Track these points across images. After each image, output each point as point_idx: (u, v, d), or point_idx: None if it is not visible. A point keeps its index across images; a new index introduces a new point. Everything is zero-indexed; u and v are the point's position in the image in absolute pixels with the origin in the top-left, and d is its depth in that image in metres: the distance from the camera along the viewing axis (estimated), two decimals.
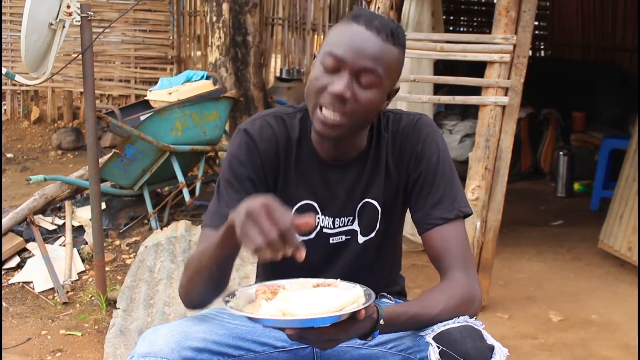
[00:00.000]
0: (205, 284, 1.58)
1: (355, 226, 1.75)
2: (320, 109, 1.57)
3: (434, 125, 1.75)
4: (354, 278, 1.54)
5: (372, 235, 1.76)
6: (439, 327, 1.51)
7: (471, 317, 1.56)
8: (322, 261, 1.74)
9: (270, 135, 1.70)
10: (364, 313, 1.37)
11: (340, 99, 1.54)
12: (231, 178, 1.68)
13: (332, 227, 1.75)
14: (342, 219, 1.74)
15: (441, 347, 1.47)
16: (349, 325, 1.39)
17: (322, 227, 1.74)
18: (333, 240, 1.75)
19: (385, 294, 1.86)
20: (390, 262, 1.87)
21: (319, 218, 1.73)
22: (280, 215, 1.31)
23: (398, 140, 1.72)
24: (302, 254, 1.33)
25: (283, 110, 1.76)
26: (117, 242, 4.46)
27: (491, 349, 1.47)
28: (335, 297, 1.40)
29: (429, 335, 1.51)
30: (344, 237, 1.76)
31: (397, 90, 1.69)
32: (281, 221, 1.31)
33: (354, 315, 1.37)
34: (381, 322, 1.46)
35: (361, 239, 1.76)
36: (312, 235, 1.74)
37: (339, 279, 1.53)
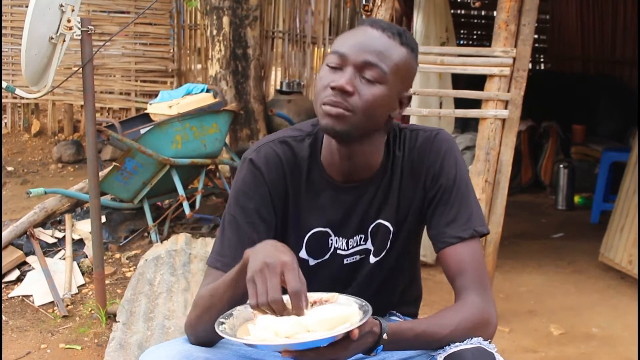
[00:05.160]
0: (213, 322, 1.47)
1: (369, 245, 1.71)
2: (324, 105, 1.53)
3: (452, 139, 1.71)
4: (366, 297, 1.48)
5: (383, 255, 1.72)
6: (451, 348, 1.47)
7: (485, 340, 1.51)
8: (335, 282, 1.68)
9: (277, 162, 1.65)
10: (357, 333, 1.33)
11: (343, 92, 1.51)
12: (237, 212, 1.64)
13: (346, 248, 1.71)
14: (356, 238, 1.70)
15: None
16: (347, 343, 1.34)
17: (335, 249, 1.71)
18: (347, 260, 1.72)
19: (395, 312, 1.82)
20: (405, 283, 1.82)
21: (331, 240, 1.69)
22: (293, 278, 1.32)
23: (415, 158, 1.67)
24: (302, 313, 1.34)
25: (289, 134, 1.70)
26: (117, 255, 4.45)
27: None
28: (328, 317, 1.34)
29: (440, 355, 1.48)
30: (358, 257, 1.72)
31: (410, 97, 1.64)
32: (292, 285, 1.32)
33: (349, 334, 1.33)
34: (384, 336, 1.41)
35: (372, 259, 1.72)
36: (327, 257, 1.71)
37: (336, 293, 1.47)
